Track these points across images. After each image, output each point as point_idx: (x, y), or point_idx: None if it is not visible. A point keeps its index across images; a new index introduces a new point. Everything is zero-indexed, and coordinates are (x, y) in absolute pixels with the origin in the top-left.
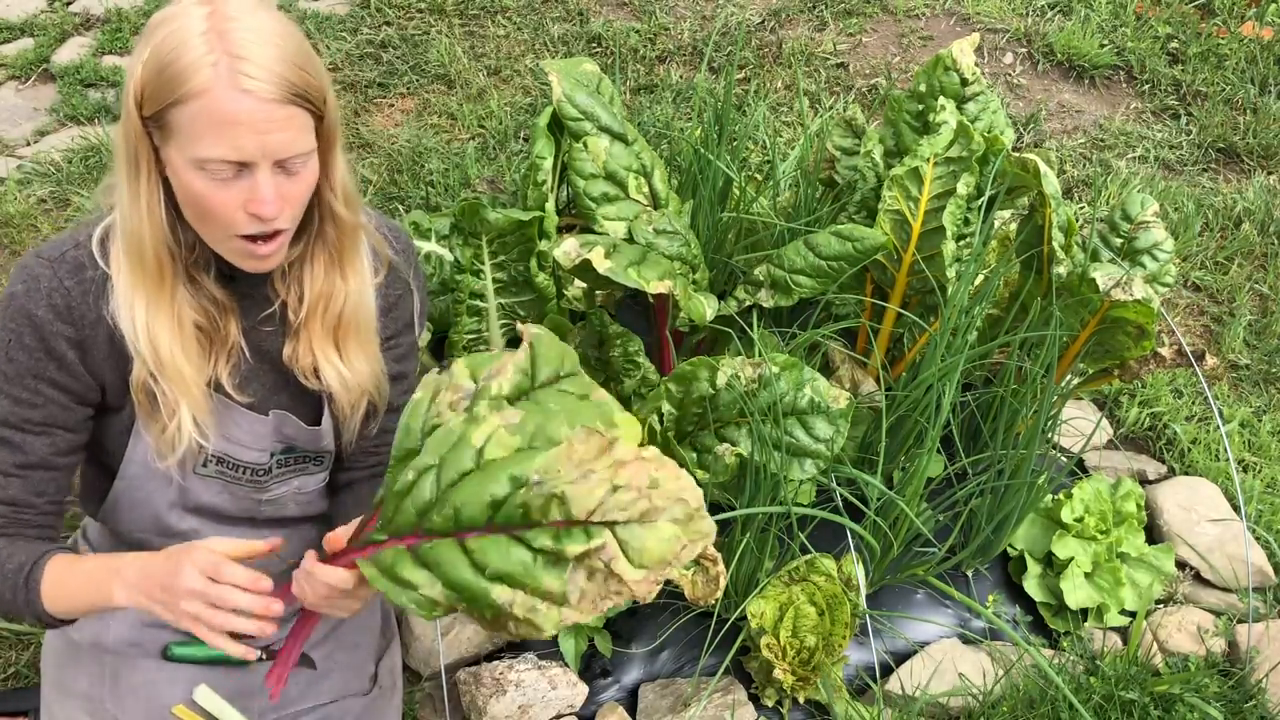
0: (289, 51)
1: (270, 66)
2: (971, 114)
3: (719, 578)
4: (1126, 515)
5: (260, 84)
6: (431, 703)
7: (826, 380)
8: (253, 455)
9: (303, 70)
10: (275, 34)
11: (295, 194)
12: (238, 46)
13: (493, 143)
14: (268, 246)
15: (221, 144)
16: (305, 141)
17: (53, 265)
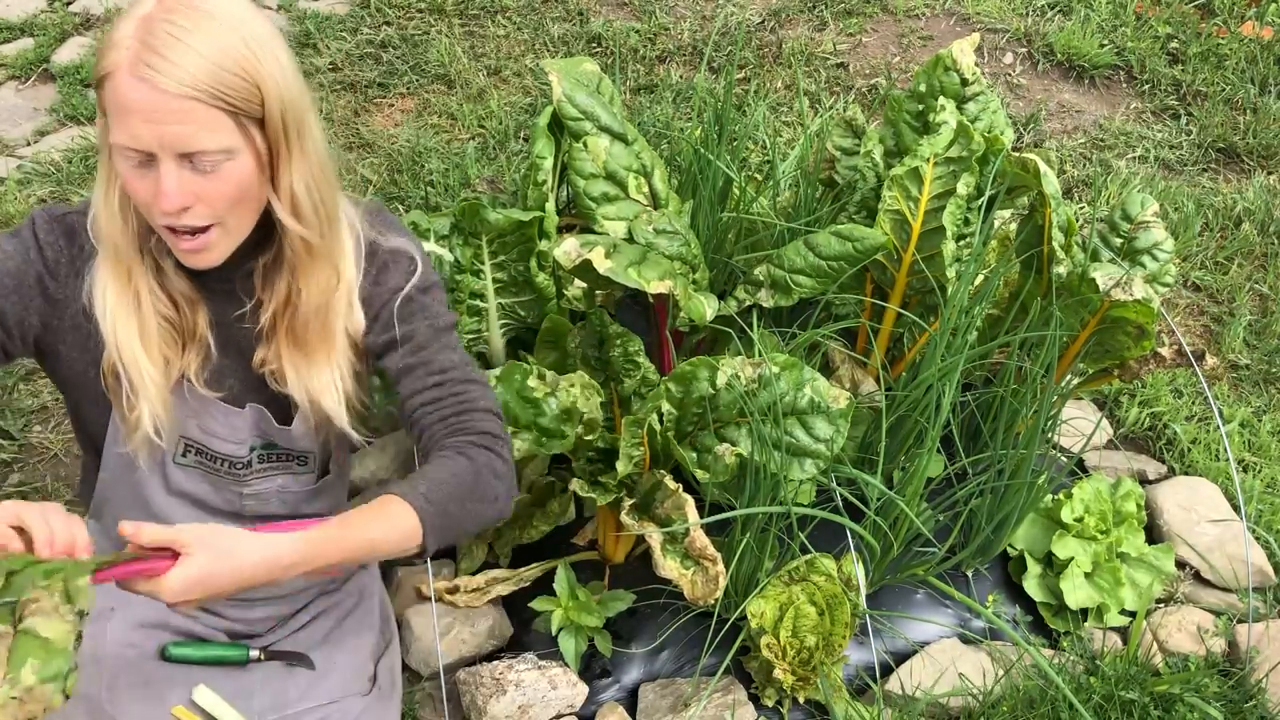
0: (209, 47)
1: (175, 58)
2: (971, 114)
3: (719, 578)
4: (1126, 515)
5: (154, 73)
6: (431, 703)
7: (826, 380)
8: (230, 447)
9: (220, 68)
10: (206, 28)
11: (212, 193)
12: (153, 35)
13: (493, 143)
14: (191, 242)
15: (123, 130)
16: (212, 139)
17: (50, 224)
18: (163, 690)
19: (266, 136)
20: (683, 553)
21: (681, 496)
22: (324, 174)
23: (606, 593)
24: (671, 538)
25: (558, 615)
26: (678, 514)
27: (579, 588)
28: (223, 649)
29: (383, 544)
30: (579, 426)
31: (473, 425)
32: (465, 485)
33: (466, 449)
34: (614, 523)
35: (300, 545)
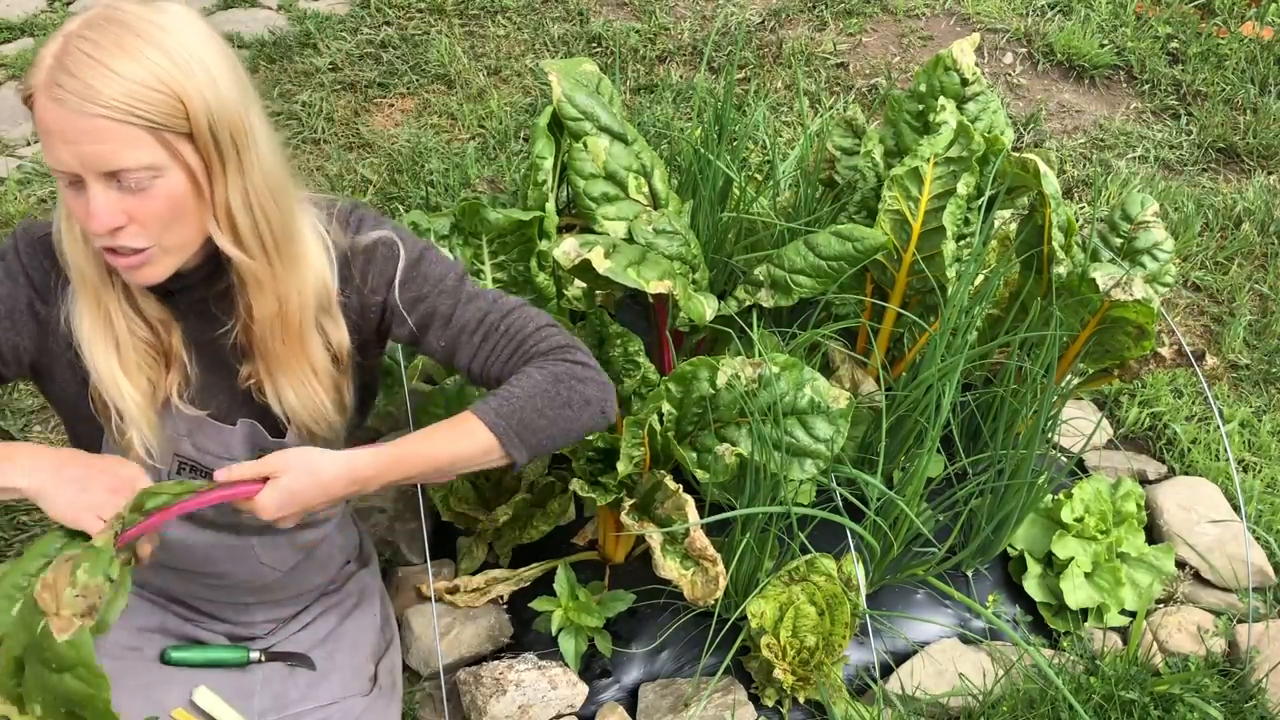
0: (125, 64)
1: (87, 79)
2: (971, 114)
3: (719, 578)
4: (1126, 515)
5: (66, 94)
6: (431, 703)
7: (826, 380)
8: (223, 464)
9: (138, 85)
10: (124, 45)
11: (143, 212)
12: (68, 55)
13: (493, 143)
14: (125, 260)
15: (48, 152)
16: (132, 157)
17: (32, 245)
18: (163, 693)
19: (198, 152)
20: (683, 553)
21: (681, 497)
22: (269, 190)
23: (606, 593)
24: (671, 538)
25: (558, 615)
26: (678, 514)
27: (579, 588)
28: (223, 651)
29: (461, 458)
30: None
31: (536, 348)
32: (543, 394)
33: (539, 365)
34: (614, 523)
35: (379, 459)
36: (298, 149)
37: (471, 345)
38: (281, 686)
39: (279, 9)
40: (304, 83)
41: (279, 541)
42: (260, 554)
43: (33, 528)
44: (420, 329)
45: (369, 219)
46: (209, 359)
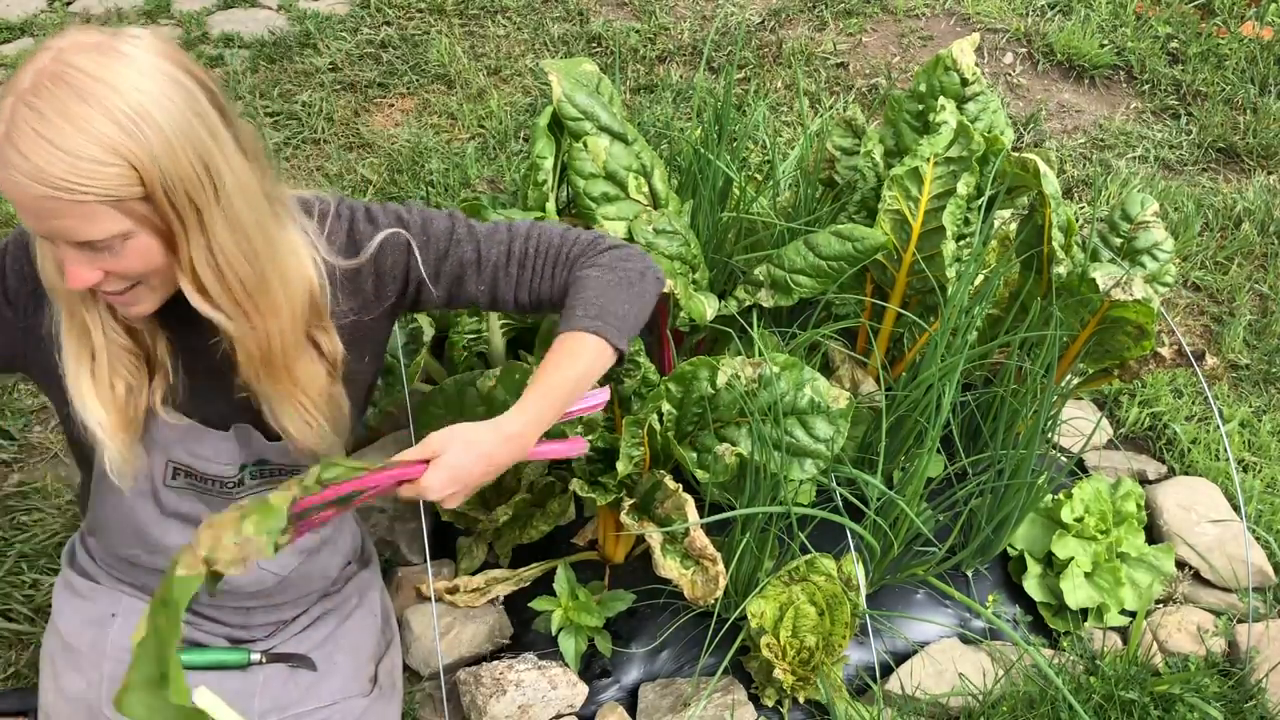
0: (69, 140)
1: (31, 157)
2: (971, 114)
3: (718, 578)
4: (1126, 515)
5: (15, 173)
6: (431, 703)
7: (826, 380)
8: (218, 468)
9: (81, 160)
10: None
11: (121, 268)
12: (15, 128)
13: (493, 143)
14: (117, 298)
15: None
16: (95, 229)
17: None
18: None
19: (159, 214)
20: (683, 553)
21: (681, 496)
22: (239, 247)
23: (606, 593)
24: (671, 538)
25: (558, 615)
26: (678, 514)
27: (579, 588)
28: (223, 654)
29: (587, 374)
30: (579, 426)
31: (571, 253)
32: (609, 285)
33: (583, 269)
34: (614, 523)
35: (523, 412)
36: (297, 149)
37: (511, 278)
38: (282, 688)
39: (279, 9)
40: (304, 83)
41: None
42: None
43: (32, 528)
44: (455, 282)
45: (358, 210)
46: (202, 366)
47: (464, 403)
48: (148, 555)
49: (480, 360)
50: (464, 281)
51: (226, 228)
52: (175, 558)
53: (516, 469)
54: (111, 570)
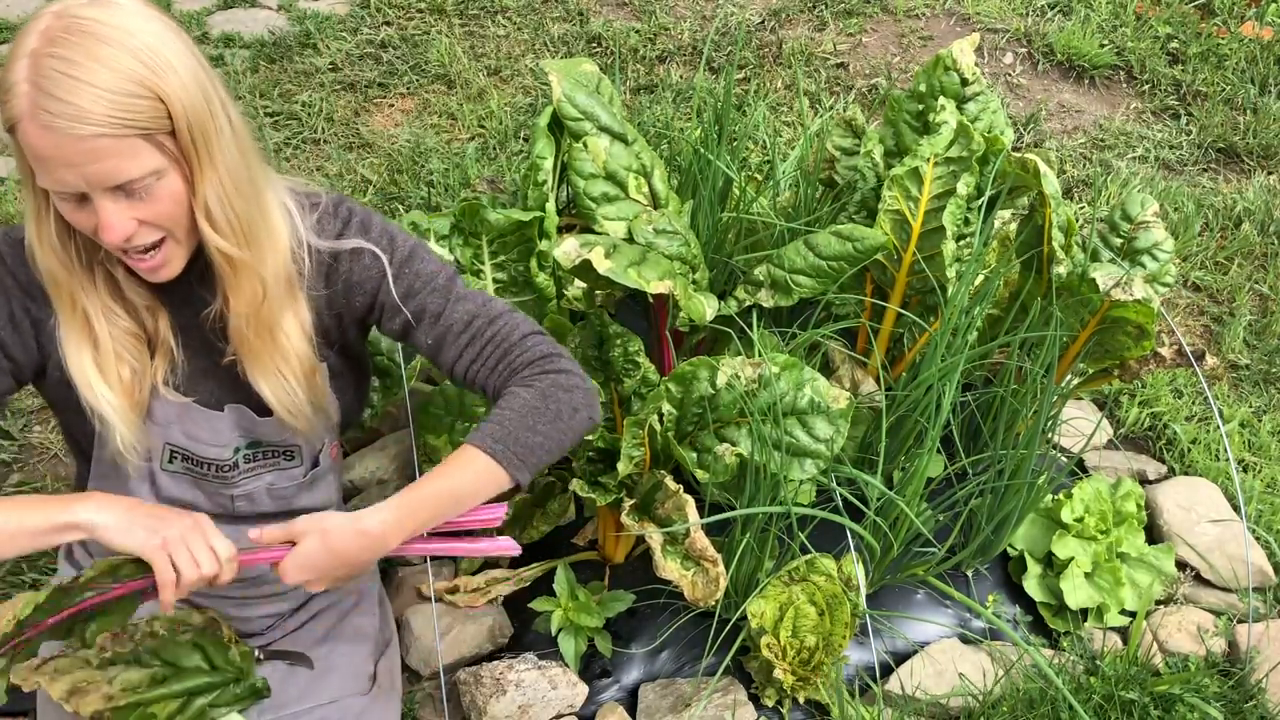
0: (104, 77)
1: (72, 99)
2: (971, 114)
3: (719, 578)
4: (1126, 515)
5: (56, 119)
6: (431, 703)
7: (826, 380)
8: (214, 451)
9: (122, 95)
10: (95, 56)
11: (154, 214)
12: (44, 77)
13: (493, 143)
14: (148, 261)
15: (46, 176)
16: (136, 166)
17: (14, 246)
18: None
19: (180, 148)
20: (683, 553)
21: (682, 497)
22: (237, 184)
23: (606, 593)
24: (672, 538)
25: (558, 615)
26: (678, 514)
27: (579, 588)
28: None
29: (468, 492)
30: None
31: (521, 359)
32: (533, 411)
33: (526, 381)
34: (614, 523)
35: (386, 513)
36: (298, 149)
37: (458, 346)
38: (280, 685)
39: (279, 9)
40: (304, 83)
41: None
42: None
43: None
44: (409, 324)
45: (357, 214)
46: (196, 343)
47: (464, 403)
48: None
49: None
50: (418, 327)
51: (225, 163)
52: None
53: None
54: None
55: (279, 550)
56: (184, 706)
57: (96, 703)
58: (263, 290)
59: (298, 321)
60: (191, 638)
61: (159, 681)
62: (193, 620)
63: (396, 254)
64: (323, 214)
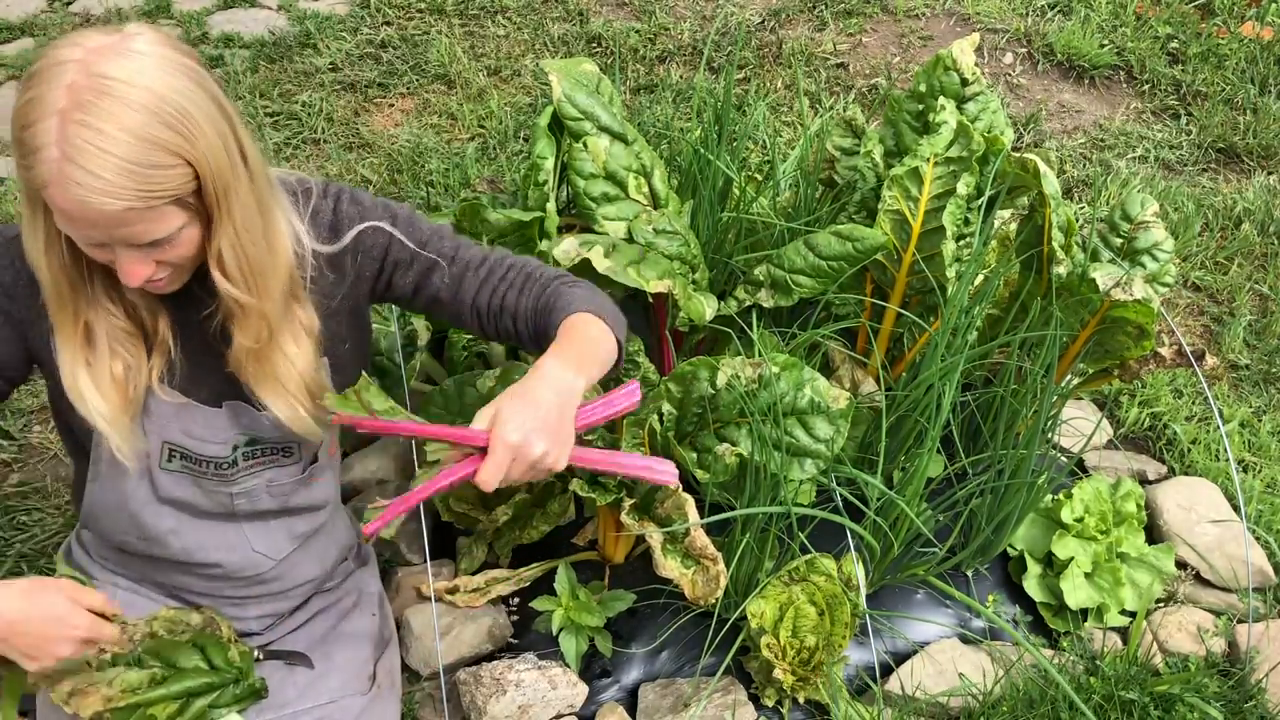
0: (132, 150)
1: (103, 175)
2: (971, 114)
3: (719, 577)
4: (1126, 515)
5: (87, 194)
6: (431, 703)
7: (826, 380)
8: (213, 449)
9: (149, 167)
10: (123, 123)
11: (174, 257)
12: (73, 147)
13: (493, 143)
14: (159, 285)
15: (73, 231)
16: (163, 228)
17: (6, 246)
18: None
19: (204, 204)
20: (683, 552)
21: (681, 496)
22: (249, 232)
23: (606, 593)
24: (672, 538)
25: (558, 615)
26: (678, 514)
27: (579, 588)
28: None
29: (604, 348)
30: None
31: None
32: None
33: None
34: (614, 523)
35: (554, 358)
36: (297, 149)
37: (478, 278)
38: (279, 685)
39: (279, 9)
40: (304, 83)
41: (272, 528)
42: (253, 541)
43: (32, 528)
44: (425, 273)
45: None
46: (195, 342)
47: (464, 403)
48: (141, 542)
49: (480, 360)
50: (432, 273)
51: (241, 214)
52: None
53: None
54: (105, 563)
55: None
56: (184, 708)
57: (96, 704)
58: (268, 329)
59: (302, 333)
60: (191, 638)
61: (158, 682)
62: (192, 620)
63: (398, 218)
64: (316, 203)
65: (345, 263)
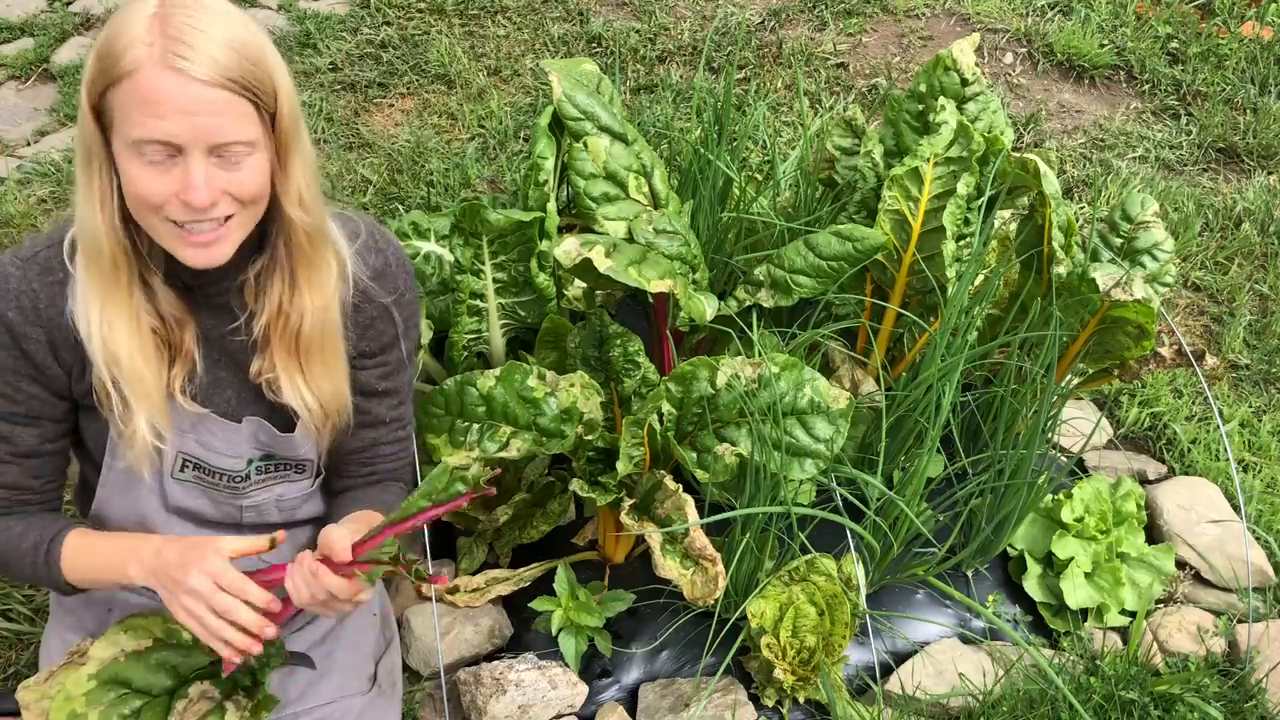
0: (231, 39)
1: (204, 49)
2: (971, 114)
3: (718, 577)
4: (1126, 515)
5: (189, 64)
6: (431, 703)
7: (826, 380)
8: (228, 462)
9: (244, 59)
10: (221, 22)
11: (237, 186)
12: (175, 29)
13: (493, 143)
14: (205, 235)
15: (151, 124)
16: (242, 130)
17: (23, 266)
18: None
19: (278, 130)
20: (682, 553)
21: (681, 496)
22: (315, 181)
23: (606, 593)
24: (671, 538)
25: (558, 615)
26: (678, 514)
27: (579, 588)
28: None
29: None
30: (579, 426)
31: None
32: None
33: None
34: (614, 523)
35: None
36: None
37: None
38: (280, 685)
39: (279, 9)
40: (304, 83)
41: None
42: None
43: None
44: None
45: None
46: (217, 355)
47: (464, 402)
48: None
49: (480, 360)
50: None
51: (307, 159)
52: None
53: (517, 467)
54: None
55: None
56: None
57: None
58: (334, 280)
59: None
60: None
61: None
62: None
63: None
64: (362, 246)
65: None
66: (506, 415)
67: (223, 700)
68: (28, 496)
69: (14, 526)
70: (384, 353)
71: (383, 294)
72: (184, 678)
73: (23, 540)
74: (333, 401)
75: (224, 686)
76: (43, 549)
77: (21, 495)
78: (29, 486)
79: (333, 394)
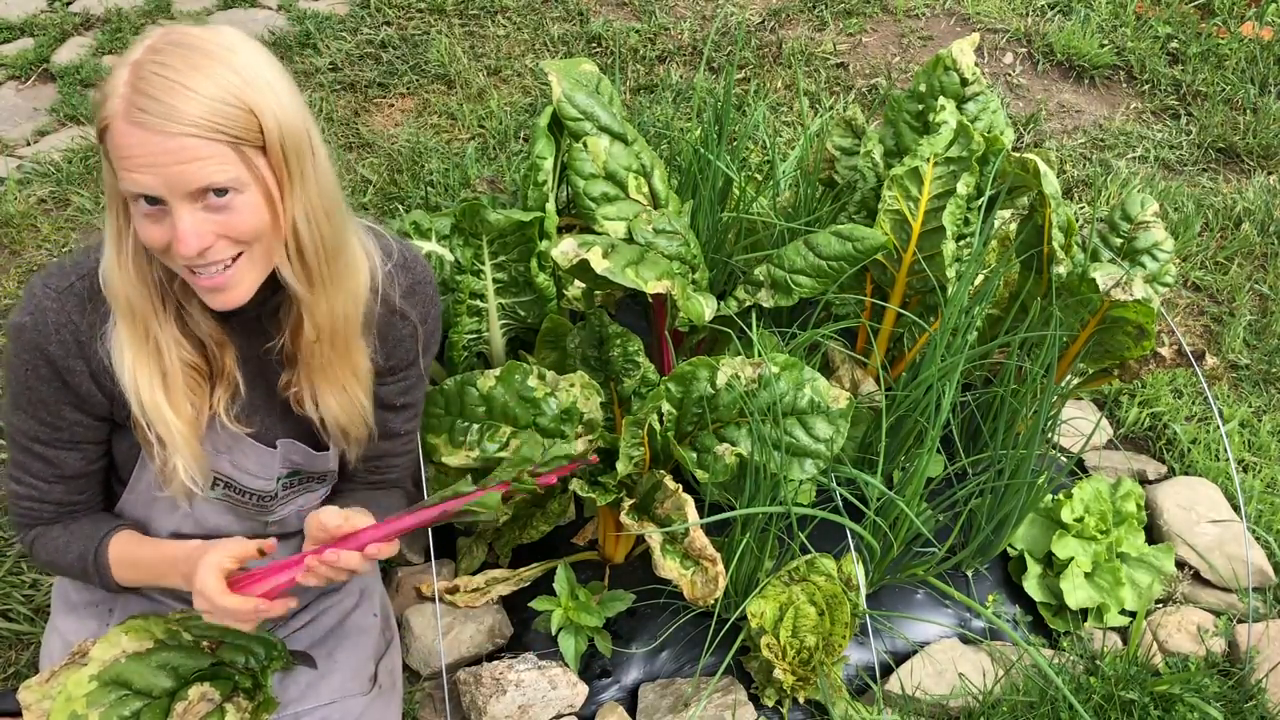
0: (202, 83)
1: (166, 99)
2: (971, 114)
3: (718, 577)
4: (1126, 515)
5: (149, 116)
6: (431, 703)
7: (826, 380)
8: (259, 484)
9: (216, 101)
10: (196, 66)
11: (230, 228)
12: (144, 80)
13: (493, 143)
14: (214, 279)
15: (128, 177)
16: (220, 172)
17: (60, 298)
18: None
19: (271, 166)
20: (682, 553)
21: (681, 496)
22: (326, 209)
23: (606, 593)
24: (671, 538)
25: (558, 615)
26: (677, 514)
27: (579, 588)
28: None
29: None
30: (579, 426)
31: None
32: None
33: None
34: (614, 523)
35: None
36: None
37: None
38: (281, 685)
39: (279, 9)
40: (304, 83)
41: (294, 544)
42: (274, 557)
43: None
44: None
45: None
46: (254, 374)
47: (464, 402)
48: None
49: (480, 360)
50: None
51: (317, 186)
52: None
53: None
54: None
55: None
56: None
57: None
58: (331, 313)
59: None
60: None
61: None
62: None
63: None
64: (395, 267)
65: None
66: (506, 415)
67: (223, 702)
68: (74, 509)
69: (59, 537)
70: (407, 369)
71: (412, 311)
72: (184, 679)
73: (68, 552)
74: (350, 413)
75: (224, 689)
76: (89, 559)
77: (67, 509)
78: (74, 501)
79: (348, 405)
